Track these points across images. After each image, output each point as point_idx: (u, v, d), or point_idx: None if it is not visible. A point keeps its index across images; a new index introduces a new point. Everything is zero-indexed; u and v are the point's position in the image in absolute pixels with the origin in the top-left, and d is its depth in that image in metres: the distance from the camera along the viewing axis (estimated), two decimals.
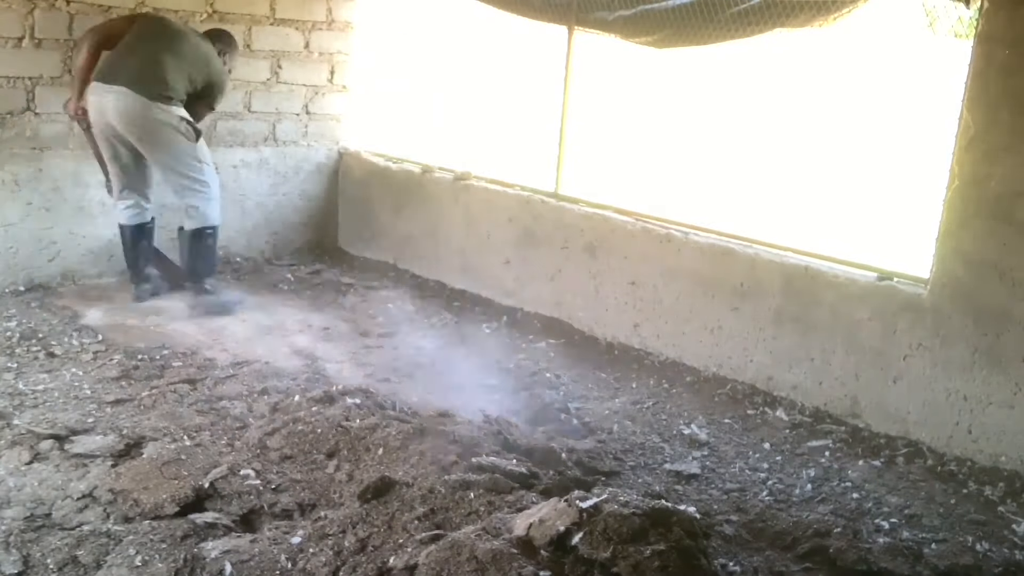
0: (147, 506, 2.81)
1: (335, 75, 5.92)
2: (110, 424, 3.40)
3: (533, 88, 7.37)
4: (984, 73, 3.45)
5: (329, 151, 6.03)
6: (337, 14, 5.82)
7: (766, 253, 4.21)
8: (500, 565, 2.29)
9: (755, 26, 4.12)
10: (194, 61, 4.64)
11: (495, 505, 2.67)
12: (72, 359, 4.05)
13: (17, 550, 2.58)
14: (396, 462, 3.06)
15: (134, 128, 4.51)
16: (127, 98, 4.44)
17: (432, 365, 4.37)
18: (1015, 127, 3.40)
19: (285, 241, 5.93)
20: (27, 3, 4.64)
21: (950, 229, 3.61)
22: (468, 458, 3.01)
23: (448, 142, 7.47)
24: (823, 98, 8.75)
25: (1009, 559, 2.99)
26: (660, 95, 8.61)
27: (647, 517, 2.37)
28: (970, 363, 3.60)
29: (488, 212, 5.28)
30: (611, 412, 4.00)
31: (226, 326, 4.67)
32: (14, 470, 3.02)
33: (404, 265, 5.80)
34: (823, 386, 4.01)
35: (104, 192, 4.98)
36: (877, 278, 3.89)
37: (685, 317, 4.45)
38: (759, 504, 3.24)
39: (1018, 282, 3.46)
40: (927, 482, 3.51)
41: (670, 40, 4.48)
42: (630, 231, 4.64)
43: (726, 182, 7.89)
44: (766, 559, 2.88)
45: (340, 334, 4.70)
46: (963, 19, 4.09)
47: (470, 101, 9.20)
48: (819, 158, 8.55)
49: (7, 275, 4.84)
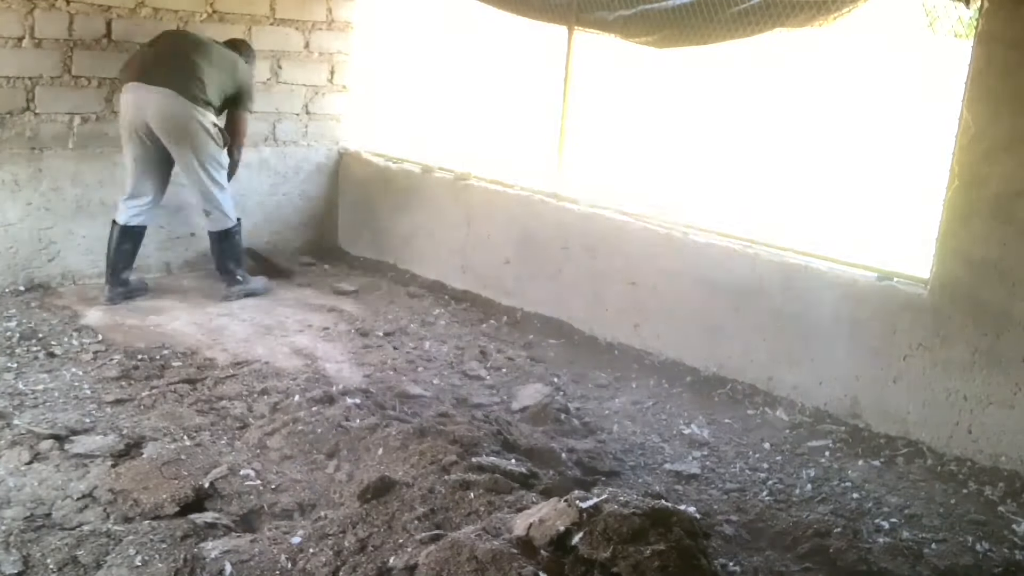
0: (147, 506, 2.81)
1: (335, 75, 5.92)
2: (110, 424, 3.40)
3: (533, 88, 7.36)
4: (984, 73, 3.45)
5: (329, 151, 6.03)
6: (337, 14, 5.82)
7: (766, 253, 4.21)
8: (500, 565, 2.29)
9: (755, 26, 4.12)
10: (223, 68, 4.85)
11: (495, 505, 2.67)
12: (72, 359, 4.05)
13: (17, 550, 2.58)
14: (396, 462, 3.06)
15: (174, 129, 4.69)
16: (172, 100, 4.64)
17: (431, 364, 4.37)
18: (1015, 127, 3.40)
19: (285, 241, 5.93)
20: (27, 3, 4.64)
21: (950, 229, 3.61)
22: (468, 458, 3.01)
23: (448, 142, 7.46)
24: (823, 98, 8.74)
25: (1009, 559, 2.99)
26: (660, 95, 8.60)
27: (647, 517, 2.37)
28: (970, 363, 3.59)
29: (488, 212, 5.28)
30: (611, 412, 4.00)
31: (226, 326, 4.68)
32: (14, 470, 3.02)
33: (404, 265, 5.80)
34: (823, 386, 4.01)
35: (103, 191, 5.01)
36: (877, 278, 3.89)
37: (685, 317, 4.45)
38: (759, 504, 3.24)
39: (1018, 282, 3.46)
40: (927, 482, 3.51)
41: (670, 40, 4.48)
42: (630, 231, 4.64)
43: (726, 182, 7.89)
44: (766, 559, 2.88)
45: (340, 334, 4.70)
46: (963, 19, 4.09)
47: (470, 101, 9.19)
48: (819, 158, 8.54)
49: (7, 275, 4.84)
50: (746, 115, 8.66)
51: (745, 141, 8.64)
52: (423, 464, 3.00)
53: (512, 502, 2.68)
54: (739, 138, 8.65)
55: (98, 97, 4.98)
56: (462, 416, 3.56)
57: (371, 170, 5.95)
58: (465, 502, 2.69)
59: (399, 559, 2.44)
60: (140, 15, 5.00)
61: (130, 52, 4.97)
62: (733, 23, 4.18)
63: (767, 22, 4.07)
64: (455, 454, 3.03)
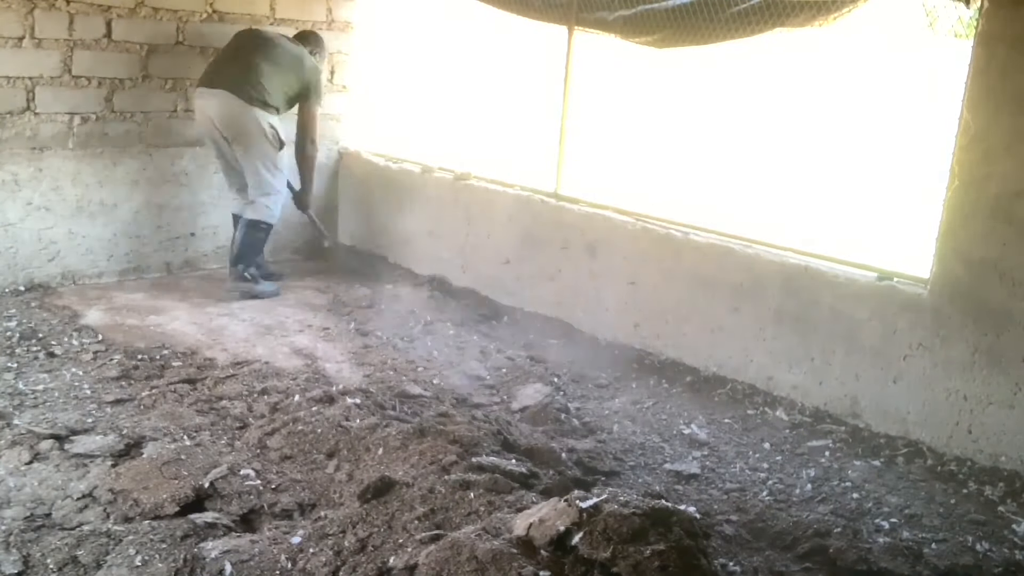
0: (147, 506, 2.81)
1: (335, 75, 5.92)
2: (110, 424, 3.40)
3: (533, 88, 7.36)
4: (984, 73, 3.45)
5: (329, 151, 6.02)
6: (337, 14, 5.82)
7: (766, 253, 4.21)
8: (500, 565, 2.29)
9: (755, 25, 4.12)
10: (288, 66, 5.00)
11: (495, 505, 2.66)
12: (72, 359, 4.05)
13: (17, 550, 2.58)
14: (396, 462, 3.06)
15: (231, 128, 4.92)
16: (228, 100, 4.84)
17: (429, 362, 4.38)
18: (1015, 127, 3.40)
19: (285, 241, 5.92)
20: (27, 3, 4.64)
21: (950, 229, 3.61)
22: (468, 458, 3.01)
23: (448, 142, 7.46)
24: (823, 98, 8.74)
25: (1009, 559, 2.99)
26: (660, 95, 8.60)
27: (647, 517, 2.37)
28: (970, 363, 3.59)
29: (488, 212, 5.28)
30: (611, 412, 4.00)
31: (226, 326, 4.68)
32: (14, 470, 3.02)
33: (404, 265, 5.80)
34: (823, 386, 4.01)
35: (103, 191, 5.04)
36: (877, 278, 3.89)
37: (685, 317, 4.45)
38: (759, 504, 3.24)
39: (1018, 282, 3.46)
40: (927, 482, 3.51)
41: (670, 40, 4.48)
42: (630, 231, 4.64)
43: (726, 182, 7.89)
44: (766, 559, 2.88)
45: (340, 334, 4.70)
46: (963, 19, 4.09)
47: (470, 101, 9.19)
48: (819, 158, 8.54)
49: (7, 275, 4.84)
50: (746, 115, 8.67)
51: (745, 141, 8.64)
52: (423, 464, 3.00)
53: (512, 502, 2.68)
54: (739, 138, 8.65)
55: (98, 97, 4.98)
56: (462, 416, 3.56)
57: (371, 170, 5.95)
58: (465, 502, 2.69)
59: (399, 559, 2.44)
60: (140, 15, 5.00)
61: (130, 52, 4.98)
62: (733, 23, 4.18)
63: (767, 22, 4.07)
64: (455, 454, 3.04)
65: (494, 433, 3.36)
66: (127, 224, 5.22)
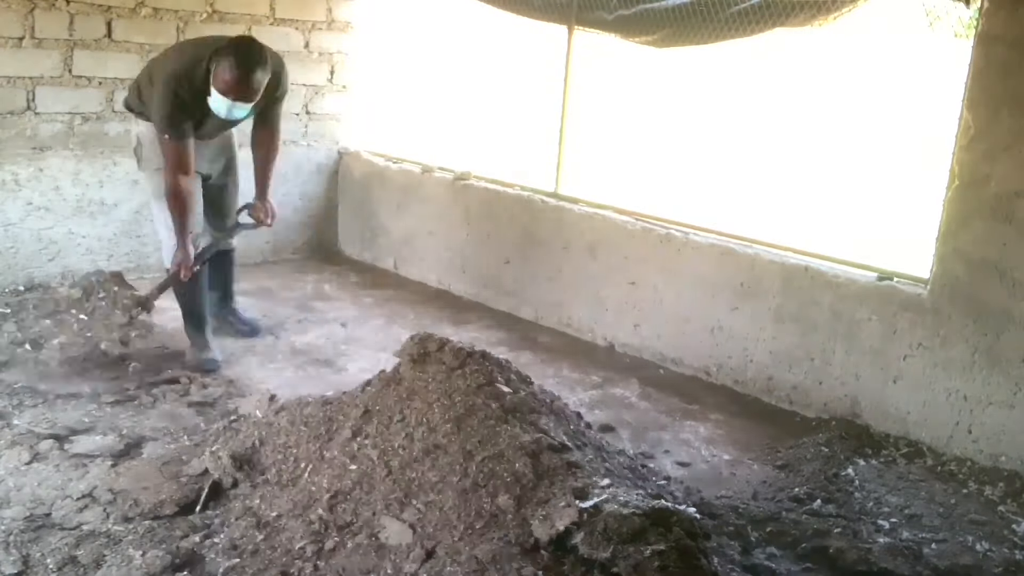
0: (147, 506, 2.81)
1: (335, 75, 5.92)
2: (110, 424, 3.40)
3: (533, 88, 7.36)
4: (984, 73, 3.45)
5: (329, 151, 6.02)
6: (337, 14, 5.81)
7: (766, 253, 4.21)
8: (500, 565, 2.29)
9: (755, 25, 4.12)
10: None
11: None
12: None
13: (17, 550, 2.58)
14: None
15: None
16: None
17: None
18: (1015, 127, 3.40)
19: (285, 241, 5.92)
20: (27, 3, 4.64)
21: (950, 229, 3.61)
22: None
23: (448, 142, 7.47)
24: (823, 98, 8.75)
25: (1009, 559, 2.99)
26: (660, 95, 8.61)
27: (647, 517, 2.36)
28: (970, 363, 3.59)
29: (488, 212, 5.28)
30: (611, 412, 3.99)
31: None
32: (14, 470, 3.02)
33: (404, 265, 5.80)
34: (823, 386, 4.01)
35: (103, 191, 5.02)
36: (877, 278, 3.89)
37: (685, 317, 4.45)
38: (759, 504, 3.23)
39: (1018, 282, 3.46)
40: (927, 482, 3.50)
41: (670, 39, 4.48)
42: (630, 231, 4.63)
43: (726, 182, 7.89)
44: (766, 559, 2.88)
45: (340, 333, 4.69)
46: (963, 19, 4.09)
47: (470, 101, 9.19)
48: (819, 158, 8.55)
49: (7, 275, 4.83)
50: (746, 115, 8.67)
51: (745, 141, 8.64)
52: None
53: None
54: (739, 138, 8.66)
55: (98, 97, 4.98)
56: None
57: (371, 170, 5.95)
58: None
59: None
60: (140, 15, 5.00)
61: (130, 52, 4.96)
62: (733, 23, 4.18)
63: (767, 22, 4.08)
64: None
65: None
66: (127, 224, 5.21)
